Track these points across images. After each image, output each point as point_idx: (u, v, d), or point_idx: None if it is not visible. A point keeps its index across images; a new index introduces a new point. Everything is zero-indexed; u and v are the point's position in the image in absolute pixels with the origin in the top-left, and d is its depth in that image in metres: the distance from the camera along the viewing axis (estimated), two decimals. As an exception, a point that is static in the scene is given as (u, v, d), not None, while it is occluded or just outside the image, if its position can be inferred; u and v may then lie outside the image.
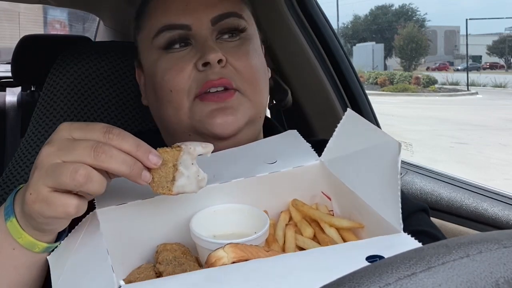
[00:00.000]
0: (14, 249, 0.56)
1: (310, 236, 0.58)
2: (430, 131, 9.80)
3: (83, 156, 0.51)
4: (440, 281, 0.28)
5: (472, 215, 1.15)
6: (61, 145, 0.52)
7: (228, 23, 0.76)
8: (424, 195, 1.25)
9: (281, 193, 0.63)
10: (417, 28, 32.04)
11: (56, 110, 1.00)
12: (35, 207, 0.52)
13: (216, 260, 0.47)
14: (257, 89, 0.77)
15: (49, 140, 0.54)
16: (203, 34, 0.75)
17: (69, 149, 0.52)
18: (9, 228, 0.56)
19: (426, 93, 18.54)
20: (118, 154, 0.51)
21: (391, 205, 0.52)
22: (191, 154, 0.55)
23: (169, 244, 0.58)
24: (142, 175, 0.53)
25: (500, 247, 0.30)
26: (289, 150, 0.67)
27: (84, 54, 1.04)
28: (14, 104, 2.25)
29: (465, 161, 7.39)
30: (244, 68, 0.75)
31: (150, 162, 0.53)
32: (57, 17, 7.78)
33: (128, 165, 0.52)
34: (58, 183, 0.51)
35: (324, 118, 1.41)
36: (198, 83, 0.73)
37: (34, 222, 0.54)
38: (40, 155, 0.53)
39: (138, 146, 0.53)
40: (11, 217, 0.56)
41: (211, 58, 0.71)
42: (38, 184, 0.52)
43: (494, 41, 33.03)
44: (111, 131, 0.53)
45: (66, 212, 0.52)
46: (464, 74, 21.54)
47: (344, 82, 1.40)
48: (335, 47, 1.40)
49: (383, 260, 0.31)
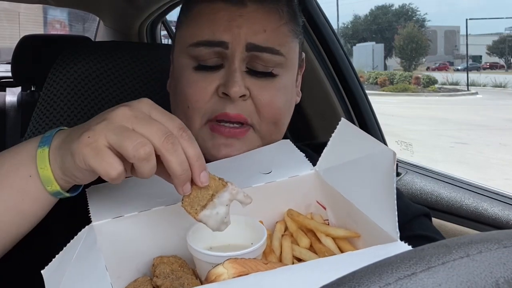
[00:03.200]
0: (31, 176, 0.56)
1: (306, 246, 0.58)
2: (430, 131, 9.80)
3: (153, 135, 0.51)
4: (440, 281, 0.28)
5: (472, 215, 1.15)
6: (139, 114, 0.53)
7: (260, 57, 0.73)
8: (424, 195, 1.25)
9: (276, 203, 0.63)
10: (417, 28, 32.04)
11: (56, 110, 1.00)
12: (85, 150, 0.51)
13: (216, 277, 0.46)
14: (272, 130, 0.76)
15: (129, 103, 0.55)
16: (235, 57, 0.72)
17: (145, 122, 0.52)
18: (38, 155, 0.56)
19: (426, 93, 18.54)
20: (181, 153, 0.52)
21: (387, 214, 0.52)
22: (231, 196, 0.55)
23: (165, 257, 0.57)
24: (185, 186, 0.53)
25: (500, 247, 0.30)
26: (283, 160, 0.67)
27: (84, 54, 1.04)
28: (14, 104, 2.25)
29: (465, 161, 7.40)
30: (265, 107, 0.73)
31: (199, 179, 0.53)
32: (57, 17, 7.79)
33: (183, 168, 0.52)
34: (120, 144, 0.51)
35: (324, 119, 1.41)
36: (214, 110, 0.72)
37: (68, 161, 0.54)
38: (116, 111, 0.53)
39: (199, 157, 0.53)
40: (45, 146, 0.56)
41: (232, 92, 0.70)
42: (101, 134, 0.51)
43: (494, 41, 33.04)
44: (186, 131, 0.54)
45: (107, 171, 0.51)
46: (464, 74, 21.55)
47: (344, 82, 1.40)
48: (335, 47, 1.40)
49: (383, 260, 0.31)
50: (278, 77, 0.75)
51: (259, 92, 0.73)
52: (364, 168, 0.57)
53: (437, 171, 1.37)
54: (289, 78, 0.78)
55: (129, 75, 1.05)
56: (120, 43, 1.20)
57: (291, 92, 0.79)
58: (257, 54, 0.73)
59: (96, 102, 1.02)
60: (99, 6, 2.35)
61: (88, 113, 1.01)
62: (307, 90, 1.40)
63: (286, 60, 0.76)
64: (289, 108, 0.79)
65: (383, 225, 0.52)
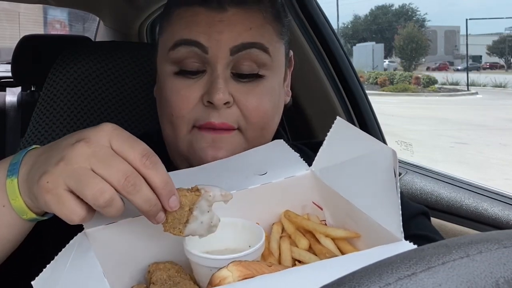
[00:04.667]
0: (4, 206, 0.55)
1: (305, 248, 0.58)
2: (430, 131, 9.79)
3: (113, 179, 0.50)
4: (440, 281, 0.28)
5: (472, 215, 1.15)
6: (98, 151, 0.51)
7: (248, 54, 0.71)
8: (424, 195, 1.25)
9: (272, 205, 0.63)
10: (417, 28, 32.03)
11: (56, 110, 1.00)
12: (47, 197, 0.51)
13: (221, 281, 0.46)
14: (259, 133, 0.74)
15: (87, 137, 0.52)
16: (218, 63, 0.71)
17: (104, 163, 0.50)
18: (7, 186, 0.55)
19: (426, 93, 18.53)
20: (145, 191, 0.51)
21: (390, 212, 0.51)
22: (209, 202, 0.54)
23: (161, 263, 0.56)
24: (157, 216, 0.52)
25: (500, 247, 0.30)
26: (278, 161, 0.66)
27: (84, 54, 1.04)
28: (14, 104, 2.25)
29: (465, 161, 7.39)
30: (252, 111, 0.72)
31: (169, 205, 0.52)
32: (57, 17, 7.79)
33: (149, 204, 0.51)
34: (79, 191, 0.50)
35: (324, 119, 1.41)
36: (198, 118, 0.72)
37: (34, 197, 0.53)
38: (74, 150, 0.51)
39: (166, 184, 0.52)
40: (13, 176, 0.55)
41: (216, 99, 0.69)
42: (59, 179, 0.50)
43: (494, 41, 33.02)
44: (150, 157, 0.52)
45: (69, 218, 0.51)
46: (464, 74, 21.53)
47: (344, 82, 1.40)
48: (335, 47, 1.40)
49: (383, 260, 0.31)
50: (265, 80, 0.73)
51: (245, 97, 0.72)
52: (363, 167, 0.56)
53: (437, 171, 1.37)
54: (275, 80, 0.76)
55: (129, 75, 1.05)
56: (120, 43, 1.20)
57: (279, 94, 0.77)
58: (242, 53, 0.71)
59: (96, 102, 1.02)
60: (99, 6, 2.35)
61: (88, 113, 1.01)
62: (307, 90, 1.40)
63: (273, 62, 0.74)
64: (277, 111, 0.78)
65: (386, 225, 0.51)
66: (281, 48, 0.78)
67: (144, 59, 1.07)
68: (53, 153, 0.53)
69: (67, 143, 0.53)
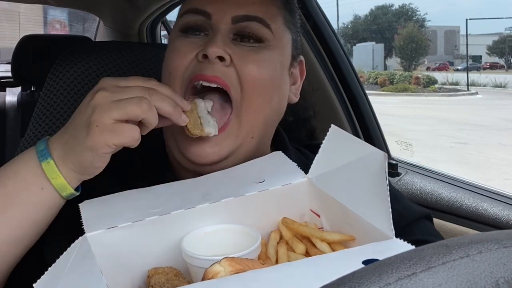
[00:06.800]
0: (43, 188, 0.61)
1: (302, 253, 0.58)
2: (430, 131, 9.79)
3: (141, 94, 0.59)
4: (440, 281, 0.28)
5: (472, 215, 1.15)
6: (113, 89, 0.60)
7: (248, 26, 0.72)
8: (424, 195, 1.25)
9: (270, 213, 0.63)
10: (417, 28, 32.03)
11: (56, 110, 1.00)
12: (104, 136, 0.58)
13: (213, 276, 0.46)
14: (253, 105, 0.71)
15: (96, 89, 0.61)
16: (220, 27, 0.71)
17: (125, 90, 0.60)
18: (44, 168, 0.61)
19: (426, 93, 18.53)
20: (165, 98, 0.61)
21: (381, 213, 0.52)
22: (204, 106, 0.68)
23: (160, 268, 0.57)
24: (182, 117, 0.63)
25: (500, 247, 0.30)
26: (276, 169, 0.67)
27: (84, 54, 1.04)
28: (14, 104, 2.25)
29: (465, 161, 7.40)
30: (248, 76, 0.70)
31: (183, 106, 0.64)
32: (57, 17, 7.79)
33: (173, 106, 0.62)
34: (125, 113, 0.58)
35: (324, 119, 1.41)
36: (192, 73, 0.71)
37: (87, 159, 0.60)
38: (95, 99, 0.59)
39: (173, 92, 0.64)
40: (48, 159, 0.61)
41: (210, 52, 0.68)
42: (103, 118, 0.58)
43: (494, 41, 33.04)
44: (150, 80, 0.63)
45: (132, 137, 0.59)
46: (464, 74, 21.53)
47: (344, 82, 1.40)
48: (335, 47, 1.40)
49: (383, 260, 0.31)
50: (266, 48, 0.73)
51: (243, 61, 0.71)
52: (356, 171, 0.57)
53: (437, 171, 1.37)
54: (277, 57, 0.74)
55: (129, 75, 1.05)
56: (120, 43, 1.20)
57: (278, 74, 0.74)
58: (243, 24, 0.72)
59: (96, 102, 1.02)
60: (99, 6, 2.35)
61: (88, 113, 1.01)
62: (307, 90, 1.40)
63: (275, 39, 0.74)
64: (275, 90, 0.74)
65: (377, 224, 0.53)
66: (287, 35, 0.77)
67: (144, 59, 1.07)
68: (78, 120, 0.61)
69: (84, 104, 0.61)
